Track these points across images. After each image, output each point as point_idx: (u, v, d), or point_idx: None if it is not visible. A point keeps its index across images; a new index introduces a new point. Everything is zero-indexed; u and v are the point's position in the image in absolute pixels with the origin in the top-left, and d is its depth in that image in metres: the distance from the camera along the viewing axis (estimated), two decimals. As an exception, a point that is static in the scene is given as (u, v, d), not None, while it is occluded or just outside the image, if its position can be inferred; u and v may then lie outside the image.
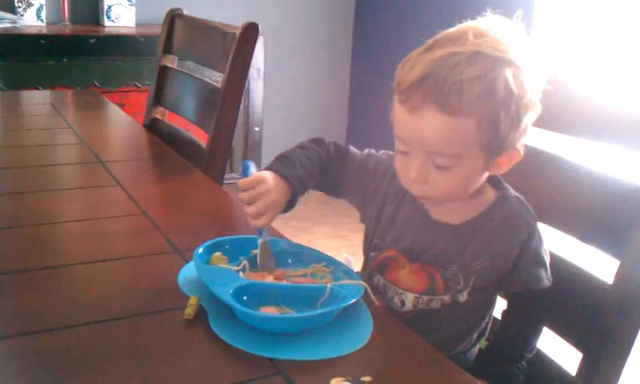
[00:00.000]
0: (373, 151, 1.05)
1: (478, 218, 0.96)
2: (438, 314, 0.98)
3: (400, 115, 0.90)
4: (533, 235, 0.96)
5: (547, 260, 0.97)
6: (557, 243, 1.05)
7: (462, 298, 0.97)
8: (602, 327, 0.92)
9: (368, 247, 1.05)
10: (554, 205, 1.04)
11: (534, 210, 0.98)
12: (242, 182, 0.92)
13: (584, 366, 0.94)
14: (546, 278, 0.96)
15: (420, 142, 0.89)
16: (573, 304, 0.99)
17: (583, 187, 0.99)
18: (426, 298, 0.97)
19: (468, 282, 0.96)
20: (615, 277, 0.91)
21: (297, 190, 0.96)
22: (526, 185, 1.09)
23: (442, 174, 0.90)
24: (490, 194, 0.99)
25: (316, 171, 1.01)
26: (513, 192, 0.99)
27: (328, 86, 3.79)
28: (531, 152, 1.09)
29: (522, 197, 0.99)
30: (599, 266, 0.99)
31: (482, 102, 0.86)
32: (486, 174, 0.96)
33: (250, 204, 0.91)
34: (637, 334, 0.91)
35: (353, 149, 1.06)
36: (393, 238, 1.01)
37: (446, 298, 0.97)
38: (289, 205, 0.96)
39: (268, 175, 0.93)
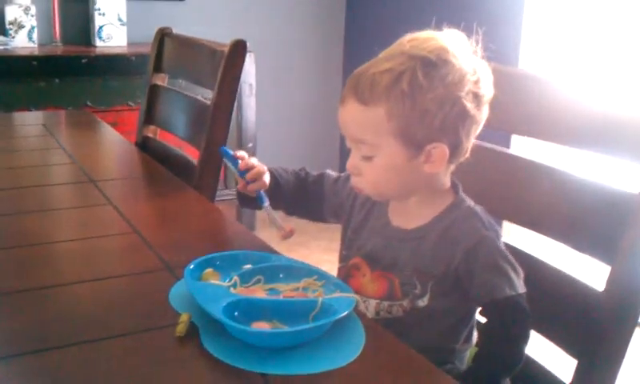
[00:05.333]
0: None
1: (429, 224, 1.00)
2: (402, 322, 0.99)
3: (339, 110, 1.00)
4: (482, 243, 0.96)
5: (510, 271, 0.95)
6: (549, 251, 1.06)
7: (422, 303, 0.98)
8: (595, 334, 0.92)
9: (339, 260, 1.11)
10: (545, 213, 1.04)
11: (528, 219, 0.98)
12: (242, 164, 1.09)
13: (578, 373, 0.94)
14: (510, 287, 0.93)
15: (346, 129, 0.99)
16: (565, 311, 0.99)
17: (573, 195, 1.00)
18: (386, 303, 1.00)
19: (426, 287, 0.98)
20: (607, 283, 0.92)
21: (273, 178, 1.11)
22: (516, 194, 1.09)
23: (368, 165, 0.98)
24: (447, 202, 1.01)
25: (294, 183, 1.14)
26: (468, 202, 1.02)
27: (321, 100, 3.79)
28: (521, 162, 1.10)
29: (478, 207, 1.00)
30: (591, 272, 0.99)
31: (388, 92, 0.93)
32: (446, 177, 1.01)
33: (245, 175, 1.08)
34: (630, 339, 0.91)
35: (329, 170, 1.16)
36: (358, 246, 1.06)
37: (405, 303, 0.99)
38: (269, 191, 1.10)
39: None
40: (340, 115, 0.99)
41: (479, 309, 1.01)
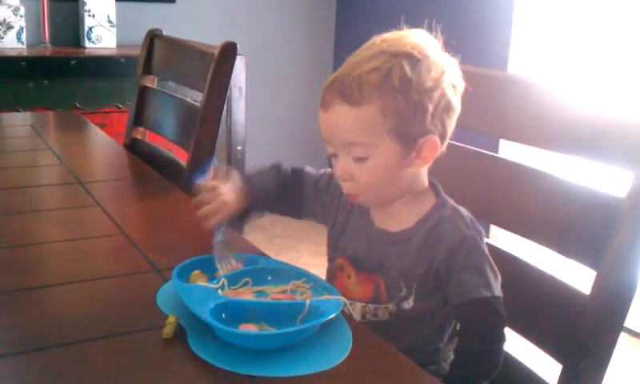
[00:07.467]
0: (329, 169, 1.11)
1: (415, 226, 1.00)
2: (388, 324, 0.99)
3: (319, 117, 0.99)
4: (464, 242, 0.96)
5: (489, 272, 0.95)
6: (535, 254, 1.06)
7: (408, 305, 0.98)
8: (580, 338, 0.92)
9: (328, 260, 1.10)
10: (531, 217, 1.04)
11: (515, 224, 0.98)
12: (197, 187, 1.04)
13: (564, 377, 0.94)
14: (486, 288, 0.94)
15: (334, 134, 0.98)
16: (551, 315, 0.99)
17: (559, 199, 1.00)
18: (372, 306, 1.00)
19: (410, 289, 0.98)
20: (593, 287, 0.92)
21: (250, 201, 1.07)
22: (503, 198, 1.10)
23: (362, 167, 0.96)
24: (430, 203, 1.02)
25: (273, 191, 1.11)
26: (450, 202, 1.02)
27: (311, 103, 3.79)
28: (509, 165, 1.11)
29: (460, 207, 1.01)
30: (577, 276, 1.00)
31: (380, 90, 0.93)
32: (425, 177, 1.01)
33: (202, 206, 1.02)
34: (616, 343, 0.91)
35: (308, 168, 1.14)
36: (342, 246, 1.06)
37: (391, 306, 0.99)
38: (244, 215, 1.08)
39: (224, 185, 1.04)
40: (324, 121, 0.98)
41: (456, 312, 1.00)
